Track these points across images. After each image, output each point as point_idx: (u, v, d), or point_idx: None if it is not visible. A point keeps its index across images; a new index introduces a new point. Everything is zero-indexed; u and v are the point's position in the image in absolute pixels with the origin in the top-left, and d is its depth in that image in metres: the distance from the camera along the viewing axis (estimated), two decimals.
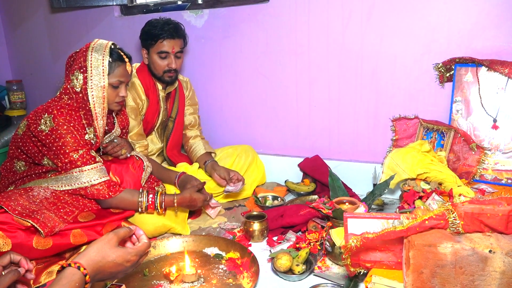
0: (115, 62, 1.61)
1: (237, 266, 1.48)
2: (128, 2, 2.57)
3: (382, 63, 2.01)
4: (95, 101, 1.60)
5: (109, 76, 1.60)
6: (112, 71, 1.61)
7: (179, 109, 2.19)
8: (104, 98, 1.61)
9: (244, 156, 2.25)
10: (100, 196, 1.57)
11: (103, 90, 1.60)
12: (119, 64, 1.62)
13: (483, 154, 1.79)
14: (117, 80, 1.62)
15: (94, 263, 0.93)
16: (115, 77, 1.62)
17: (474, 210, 1.06)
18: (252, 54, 2.28)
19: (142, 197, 1.66)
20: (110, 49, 1.61)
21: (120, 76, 1.63)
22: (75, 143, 1.55)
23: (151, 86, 2.07)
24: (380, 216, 1.20)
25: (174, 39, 1.98)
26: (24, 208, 1.43)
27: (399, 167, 1.81)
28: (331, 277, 1.40)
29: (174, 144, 2.22)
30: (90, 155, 1.58)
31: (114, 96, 1.65)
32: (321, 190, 2.09)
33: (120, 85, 1.65)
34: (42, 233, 1.40)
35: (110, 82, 1.61)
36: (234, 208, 2.06)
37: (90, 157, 1.58)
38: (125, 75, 1.65)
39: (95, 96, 1.60)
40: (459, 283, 1.02)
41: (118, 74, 1.62)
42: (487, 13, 1.78)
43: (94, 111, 1.62)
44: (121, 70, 1.63)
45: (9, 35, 3.14)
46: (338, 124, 2.18)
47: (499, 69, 1.74)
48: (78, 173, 1.55)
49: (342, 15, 2.03)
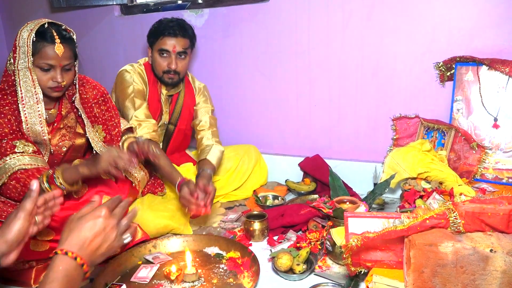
0: (41, 42, 1.42)
1: (238, 265, 1.47)
2: (128, 2, 2.57)
3: (382, 62, 2.01)
4: (21, 84, 1.43)
5: (35, 57, 1.43)
6: (37, 51, 1.42)
7: (182, 115, 2.10)
8: (34, 82, 1.44)
9: (247, 160, 2.21)
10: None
11: (30, 72, 1.43)
12: (45, 44, 1.42)
13: (484, 153, 1.79)
14: (44, 63, 1.43)
15: (72, 239, 0.92)
16: (41, 58, 1.43)
17: (475, 209, 1.06)
18: (252, 53, 2.28)
19: (43, 177, 1.40)
20: (43, 28, 1.43)
21: (47, 59, 1.43)
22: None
23: (153, 82, 2.01)
24: (381, 215, 1.20)
25: (176, 37, 1.91)
26: (2, 211, 1.40)
27: (399, 166, 1.81)
28: (331, 277, 1.40)
29: (175, 149, 2.17)
30: (10, 145, 1.42)
31: (45, 80, 1.46)
32: (322, 189, 2.09)
33: (51, 69, 1.46)
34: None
35: (37, 64, 1.43)
36: (235, 208, 2.06)
37: (10, 147, 1.42)
38: (54, 57, 1.44)
39: (22, 79, 1.43)
40: (460, 283, 1.02)
41: (44, 55, 1.43)
42: (487, 12, 1.78)
43: (20, 95, 1.43)
44: (48, 51, 1.43)
45: (9, 35, 3.14)
46: (339, 123, 2.18)
47: (499, 68, 1.74)
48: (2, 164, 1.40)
49: (342, 14, 2.02)
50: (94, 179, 1.53)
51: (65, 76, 1.49)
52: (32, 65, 1.43)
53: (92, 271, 1.46)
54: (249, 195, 2.18)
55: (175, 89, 2.08)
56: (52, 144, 1.58)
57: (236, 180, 2.16)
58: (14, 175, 1.40)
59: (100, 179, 1.55)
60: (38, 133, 1.49)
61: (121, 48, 2.60)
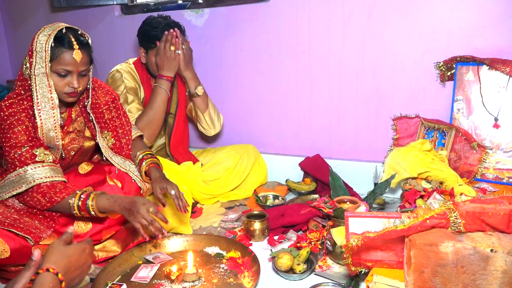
0: (59, 48, 1.41)
1: (238, 265, 1.47)
2: (128, 1, 2.57)
3: (382, 62, 2.01)
4: (37, 90, 1.42)
5: (52, 62, 1.42)
6: (55, 57, 1.41)
7: (179, 103, 2.13)
8: (51, 87, 1.43)
9: (246, 159, 2.22)
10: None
11: (47, 78, 1.42)
12: (64, 50, 1.42)
13: (484, 153, 1.79)
14: (61, 69, 1.43)
15: (60, 262, 0.97)
16: (59, 64, 1.42)
17: (475, 209, 1.06)
18: (252, 53, 2.28)
19: (73, 199, 1.41)
20: (60, 33, 1.42)
21: (65, 64, 1.43)
22: (17, 139, 1.42)
23: (146, 80, 2.06)
24: (381, 215, 1.20)
25: None
26: (6, 217, 1.40)
27: (400, 166, 1.81)
28: (332, 277, 1.40)
29: (178, 142, 2.16)
30: (31, 154, 1.43)
31: (62, 86, 1.45)
32: (322, 189, 2.09)
33: (68, 74, 1.45)
34: (31, 240, 1.38)
35: (54, 69, 1.43)
36: (235, 208, 2.06)
37: (30, 156, 1.42)
38: (72, 63, 1.43)
39: (38, 84, 1.42)
40: (461, 283, 1.02)
41: (62, 61, 1.42)
42: (488, 12, 1.78)
43: (36, 100, 1.42)
44: (66, 57, 1.42)
45: (9, 34, 3.14)
46: (339, 123, 2.18)
47: (500, 68, 1.74)
48: (22, 173, 1.41)
49: (342, 14, 2.02)
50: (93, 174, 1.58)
51: (81, 81, 1.49)
52: (49, 70, 1.43)
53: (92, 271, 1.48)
54: (249, 195, 2.19)
55: None
56: (63, 148, 1.59)
57: (235, 178, 2.17)
58: (39, 188, 1.41)
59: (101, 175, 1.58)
60: (52, 138, 1.49)
61: (121, 47, 2.60)
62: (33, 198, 1.42)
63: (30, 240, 1.39)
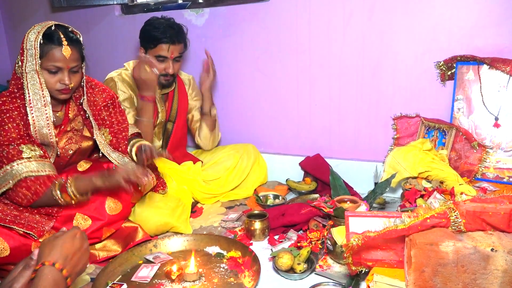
0: (49, 45, 1.42)
1: (239, 265, 1.47)
2: (128, 1, 2.57)
3: (383, 61, 2.00)
4: (29, 87, 1.43)
5: (42, 59, 1.43)
6: (44, 54, 1.42)
7: (179, 110, 2.15)
8: (42, 84, 1.44)
9: (246, 158, 2.23)
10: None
11: (37, 75, 1.43)
12: (53, 46, 1.43)
13: (485, 152, 1.79)
14: (51, 65, 1.44)
15: (54, 254, 0.96)
16: (49, 61, 1.43)
17: (476, 209, 1.06)
18: (252, 53, 2.28)
19: (55, 187, 1.44)
20: (50, 30, 1.43)
21: (55, 61, 1.43)
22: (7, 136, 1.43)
23: None
24: (382, 214, 1.20)
25: (174, 45, 1.96)
26: (6, 214, 1.40)
27: (400, 165, 1.81)
28: (332, 276, 1.40)
29: (175, 146, 2.18)
30: (17, 150, 1.43)
31: (53, 83, 1.47)
32: (322, 188, 2.09)
33: (58, 71, 1.46)
34: (35, 235, 1.39)
35: (45, 66, 1.44)
36: (235, 207, 2.06)
37: (17, 153, 1.43)
38: (62, 60, 1.44)
39: (30, 82, 1.43)
40: (461, 282, 1.02)
41: (51, 58, 1.43)
42: (488, 11, 1.78)
43: (28, 98, 1.43)
44: (55, 53, 1.43)
45: (10, 34, 3.14)
46: (339, 122, 2.18)
47: (500, 67, 1.73)
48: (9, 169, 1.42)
49: (343, 13, 2.02)
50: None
51: (72, 78, 1.50)
52: (39, 67, 1.43)
53: (93, 271, 1.48)
54: (249, 195, 2.18)
55: (169, 88, 2.13)
56: (59, 147, 1.59)
57: (236, 178, 2.17)
58: (23, 183, 1.42)
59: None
60: (45, 135, 1.49)
61: (121, 47, 2.60)
62: (18, 193, 1.42)
63: (33, 235, 1.39)
